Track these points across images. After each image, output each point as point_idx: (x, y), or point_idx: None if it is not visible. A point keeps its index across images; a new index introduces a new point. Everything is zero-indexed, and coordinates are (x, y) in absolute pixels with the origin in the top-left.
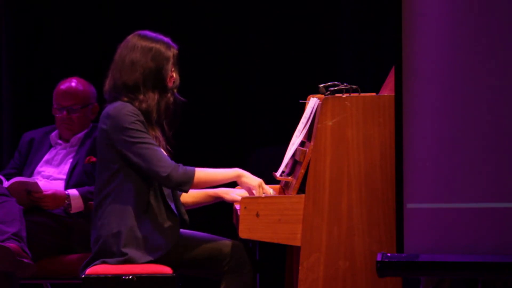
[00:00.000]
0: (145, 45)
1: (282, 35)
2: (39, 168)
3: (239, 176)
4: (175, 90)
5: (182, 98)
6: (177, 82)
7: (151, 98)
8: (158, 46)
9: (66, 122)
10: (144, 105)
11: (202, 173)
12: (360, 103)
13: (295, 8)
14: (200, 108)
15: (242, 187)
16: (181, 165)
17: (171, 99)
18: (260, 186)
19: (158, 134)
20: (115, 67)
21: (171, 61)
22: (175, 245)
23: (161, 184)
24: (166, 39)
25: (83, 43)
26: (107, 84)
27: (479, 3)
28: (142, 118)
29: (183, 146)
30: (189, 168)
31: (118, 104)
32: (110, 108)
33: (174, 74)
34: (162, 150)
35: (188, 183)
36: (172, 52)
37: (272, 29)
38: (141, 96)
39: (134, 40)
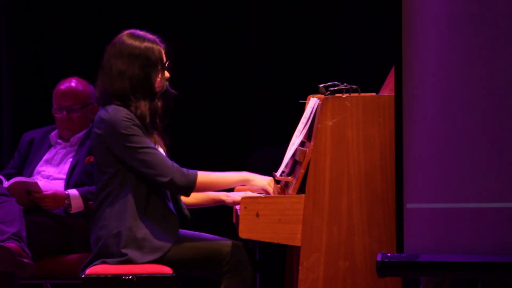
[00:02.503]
0: (131, 51)
1: (282, 35)
2: (39, 168)
3: (247, 181)
4: (167, 83)
5: (173, 91)
6: (165, 83)
7: (143, 105)
8: (143, 49)
9: (66, 122)
10: (138, 112)
11: (205, 177)
12: (360, 103)
13: (295, 8)
14: (200, 108)
15: (253, 190)
16: (184, 169)
17: (159, 104)
18: (270, 184)
19: (155, 136)
20: (104, 74)
21: (159, 64)
22: (175, 245)
23: (163, 189)
24: (152, 38)
25: (83, 43)
26: (98, 89)
27: (479, 3)
28: (137, 121)
29: (183, 146)
30: (191, 172)
31: (111, 108)
32: (104, 113)
33: (162, 76)
34: (163, 152)
35: (190, 188)
36: (159, 53)
37: (272, 29)
38: (133, 104)
39: (120, 44)
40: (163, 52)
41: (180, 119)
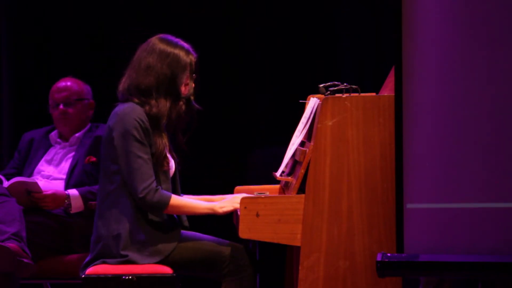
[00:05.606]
0: (163, 50)
1: (282, 35)
2: (39, 167)
3: (213, 211)
4: (192, 98)
5: (198, 106)
6: (191, 91)
7: (163, 104)
8: (176, 52)
9: (63, 117)
10: (154, 110)
11: (176, 203)
12: (360, 103)
13: (295, 8)
14: (199, 107)
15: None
16: (160, 189)
17: (183, 107)
18: (238, 202)
19: (166, 140)
20: (132, 68)
21: (188, 69)
22: (175, 247)
23: (135, 201)
24: (186, 45)
25: (83, 43)
26: (122, 83)
27: (479, 3)
28: (147, 125)
29: (182, 146)
30: (165, 195)
31: (128, 105)
32: (120, 108)
33: (189, 83)
34: (150, 167)
35: (159, 210)
36: (190, 60)
37: (272, 29)
38: (153, 101)
39: (154, 43)
40: (194, 60)
41: (195, 127)
